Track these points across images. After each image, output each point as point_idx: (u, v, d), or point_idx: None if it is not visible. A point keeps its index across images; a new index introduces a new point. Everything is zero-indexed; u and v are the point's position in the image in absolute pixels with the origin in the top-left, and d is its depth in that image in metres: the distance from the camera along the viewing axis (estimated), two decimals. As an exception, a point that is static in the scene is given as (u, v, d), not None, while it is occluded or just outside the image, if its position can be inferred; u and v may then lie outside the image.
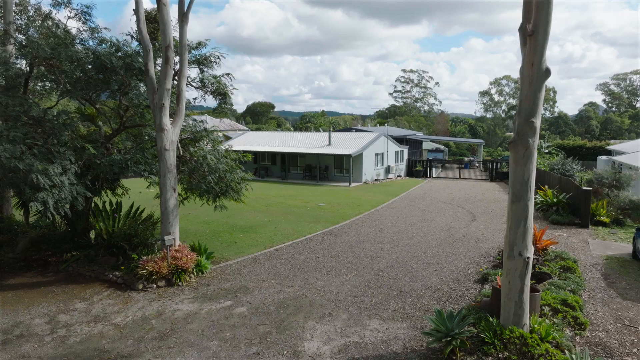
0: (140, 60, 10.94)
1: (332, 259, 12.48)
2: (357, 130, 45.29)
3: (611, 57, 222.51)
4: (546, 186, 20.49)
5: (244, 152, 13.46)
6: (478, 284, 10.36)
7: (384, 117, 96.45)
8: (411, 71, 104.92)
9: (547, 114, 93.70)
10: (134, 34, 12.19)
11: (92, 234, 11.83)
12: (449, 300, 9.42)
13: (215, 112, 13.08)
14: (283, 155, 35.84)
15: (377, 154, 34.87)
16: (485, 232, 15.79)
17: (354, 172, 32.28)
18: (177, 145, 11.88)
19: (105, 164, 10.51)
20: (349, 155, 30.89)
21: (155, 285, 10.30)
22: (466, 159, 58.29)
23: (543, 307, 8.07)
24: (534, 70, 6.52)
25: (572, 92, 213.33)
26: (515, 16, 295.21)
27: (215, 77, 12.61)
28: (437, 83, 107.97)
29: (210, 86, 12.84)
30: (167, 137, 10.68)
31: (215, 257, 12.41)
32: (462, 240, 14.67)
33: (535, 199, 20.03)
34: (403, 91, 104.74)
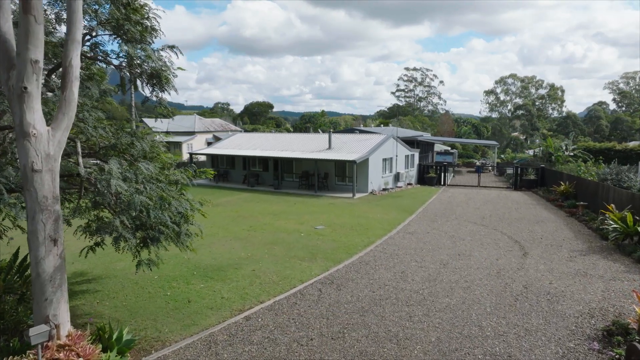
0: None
1: (334, 343, 7.73)
2: (361, 132, 40.42)
3: (612, 58, 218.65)
4: (612, 205, 15.71)
5: (226, 156, 8.60)
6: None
7: (385, 117, 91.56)
8: (414, 69, 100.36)
9: (555, 114, 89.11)
10: None
11: None
12: None
13: (145, 110, 8.12)
14: (276, 161, 31.06)
15: (385, 159, 30.06)
16: (552, 280, 11.00)
17: (358, 181, 27.50)
18: (79, 162, 7.18)
19: None
20: (353, 162, 26.11)
21: (9, 422, 5.60)
22: (478, 162, 53.54)
23: None
24: None
25: (573, 92, 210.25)
26: (516, 16, 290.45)
27: (145, 50, 7.87)
28: (441, 82, 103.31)
29: (142, 65, 8.12)
30: (38, 149, 5.96)
31: (142, 342, 7.68)
32: (525, 296, 9.90)
33: (605, 224, 15.24)
34: (406, 90, 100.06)
